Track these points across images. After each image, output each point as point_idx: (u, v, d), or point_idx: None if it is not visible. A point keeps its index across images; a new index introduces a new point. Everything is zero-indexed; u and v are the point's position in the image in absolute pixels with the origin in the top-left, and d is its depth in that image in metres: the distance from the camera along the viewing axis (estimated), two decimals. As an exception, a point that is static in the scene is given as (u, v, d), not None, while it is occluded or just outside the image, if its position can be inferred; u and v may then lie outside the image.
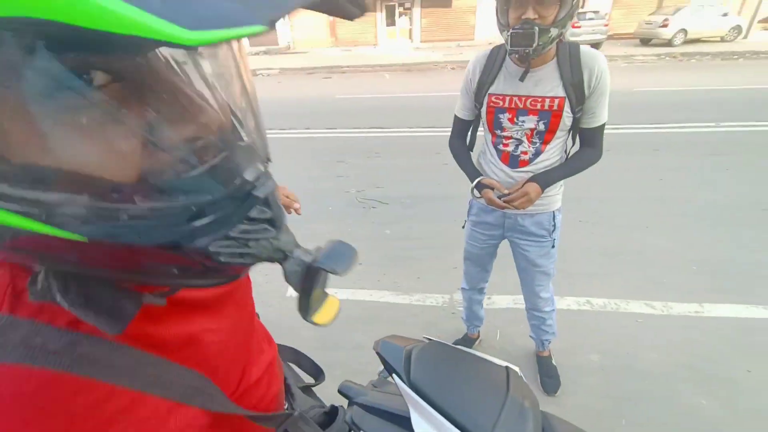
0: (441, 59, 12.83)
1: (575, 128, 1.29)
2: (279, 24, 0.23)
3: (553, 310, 1.70)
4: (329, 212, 3.44)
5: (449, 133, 1.52)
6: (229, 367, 0.45)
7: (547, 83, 1.21)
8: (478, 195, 1.42)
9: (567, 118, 1.24)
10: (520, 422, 0.69)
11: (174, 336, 0.37)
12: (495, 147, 1.38)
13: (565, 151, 1.37)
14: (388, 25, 18.05)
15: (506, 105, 1.28)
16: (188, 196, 0.26)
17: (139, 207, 0.25)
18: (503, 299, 2.31)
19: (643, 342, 1.98)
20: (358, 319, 2.18)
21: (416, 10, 17.45)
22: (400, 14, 17.85)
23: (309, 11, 0.24)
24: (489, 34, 17.56)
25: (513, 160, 1.35)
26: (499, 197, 1.33)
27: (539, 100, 1.22)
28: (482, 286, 1.84)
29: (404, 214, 3.35)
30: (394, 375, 0.76)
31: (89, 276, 0.30)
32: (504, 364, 0.80)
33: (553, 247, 1.49)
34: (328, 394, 0.89)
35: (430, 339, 0.85)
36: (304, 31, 18.25)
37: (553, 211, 1.43)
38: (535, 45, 1.08)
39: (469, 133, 1.50)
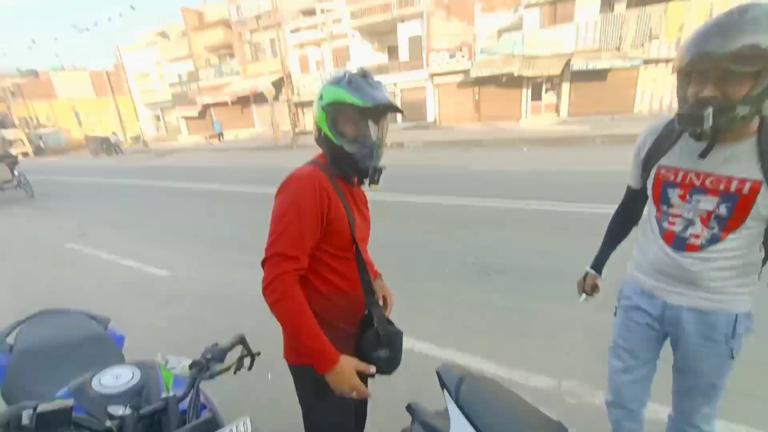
0: (589, 132, 12.16)
1: None
2: (428, 102, 2.12)
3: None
4: (445, 274, 3.63)
5: (577, 209, 1.49)
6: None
7: (739, 163, 1.02)
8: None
9: (764, 208, 1.01)
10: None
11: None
12: (658, 223, 1.20)
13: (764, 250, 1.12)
14: (533, 99, 18.27)
15: (678, 180, 1.12)
16: (358, 149, 1.09)
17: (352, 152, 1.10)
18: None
19: None
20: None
21: (565, 84, 17.25)
22: (547, 90, 17.90)
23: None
24: (652, 105, 15.89)
25: (678, 241, 1.15)
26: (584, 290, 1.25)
27: (724, 180, 1.03)
28: (633, 407, 1.39)
29: (519, 286, 3.28)
30: (444, 390, 0.91)
31: (341, 161, 1.14)
32: (557, 419, 0.85)
33: (732, 357, 1.17)
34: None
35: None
36: (451, 108, 19.99)
37: (736, 314, 1.13)
38: (705, 127, 0.95)
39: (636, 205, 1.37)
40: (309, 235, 1.05)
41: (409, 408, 1.07)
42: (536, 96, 18.20)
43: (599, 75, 16.34)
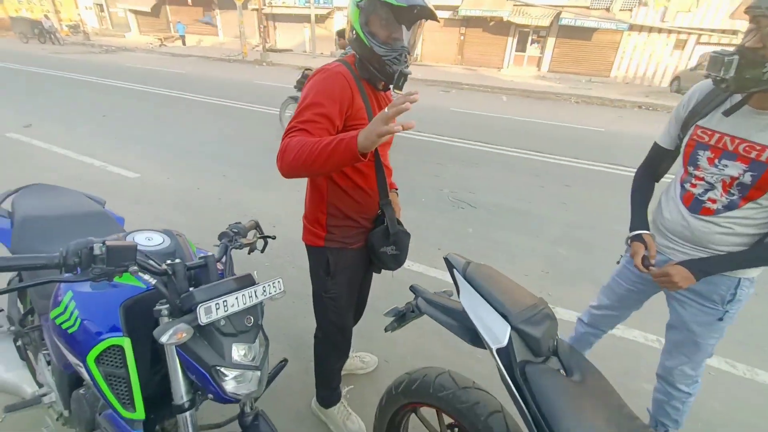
0: (566, 91, 12.37)
1: None
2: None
3: (691, 395, 1.36)
4: (422, 203, 3.81)
5: (549, 159, 1.51)
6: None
7: None
8: (627, 246, 1.32)
9: None
10: (542, 322, 0.94)
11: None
12: (681, 184, 1.21)
13: None
14: (517, 50, 17.94)
15: (711, 142, 1.11)
16: (387, 52, 1.07)
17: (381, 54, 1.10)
18: (632, 332, 2.25)
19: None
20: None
21: (551, 39, 17.01)
22: (533, 41, 17.59)
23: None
24: (628, 72, 16.27)
25: (695, 204, 1.15)
26: (645, 264, 1.20)
27: (758, 148, 1.02)
28: (603, 329, 1.59)
29: (489, 219, 3.56)
30: (453, 270, 1.08)
31: (369, 63, 1.14)
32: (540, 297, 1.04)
33: (721, 320, 1.20)
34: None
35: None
36: (434, 46, 19.14)
37: (740, 278, 1.15)
38: (725, 74, 0.94)
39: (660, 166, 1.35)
40: (329, 116, 1.05)
41: (412, 288, 1.24)
42: (521, 47, 17.87)
43: (585, 33, 16.26)
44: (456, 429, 1.21)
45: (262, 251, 1.24)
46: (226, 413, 1.12)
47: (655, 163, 1.35)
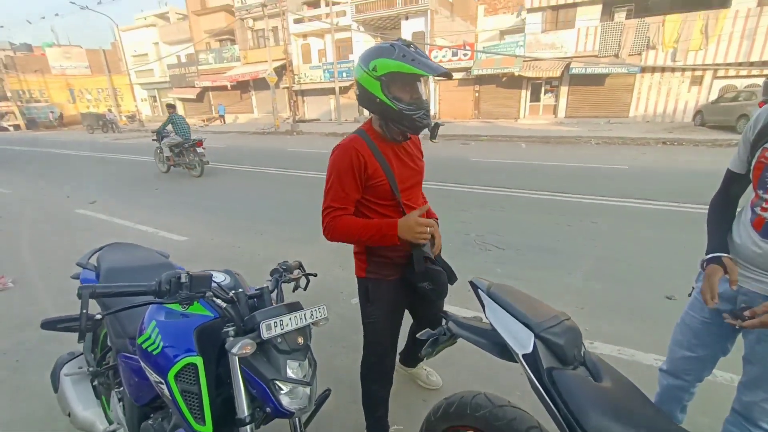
0: (585, 134, 12.57)
1: None
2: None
3: None
4: (447, 248, 3.89)
5: (573, 199, 1.50)
6: None
7: None
8: (699, 271, 1.24)
9: None
10: (564, 332, 1.02)
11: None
12: (752, 208, 1.16)
13: None
14: (532, 101, 18.66)
15: None
16: (414, 111, 1.28)
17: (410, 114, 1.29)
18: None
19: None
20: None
21: (563, 88, 17.65)
22: (546, 91, 18.30)
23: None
24: (647, 110, 16.39)
25: (766, 229, 1.10)
26: (736, 316, 1.09)
27: None
28: (686, 379, 1.40)
29: (517, 259, 3.58)
30: (478, 290, 1.18)
31: (398, 123, 1.33)
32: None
33: None
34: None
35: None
36: (451, 104, 20.27)
37: None
38: None
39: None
40: (350, 190, 1.35)
41: (443, 314, 1.35)
42: (535, 97, 18.59)
43: (597, 79, 16.79)
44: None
45: (305, 289, 1.40)
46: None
47: (727, 188, 1.30)
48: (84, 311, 0.88)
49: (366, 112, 1.56)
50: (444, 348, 1.42)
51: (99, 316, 0.90)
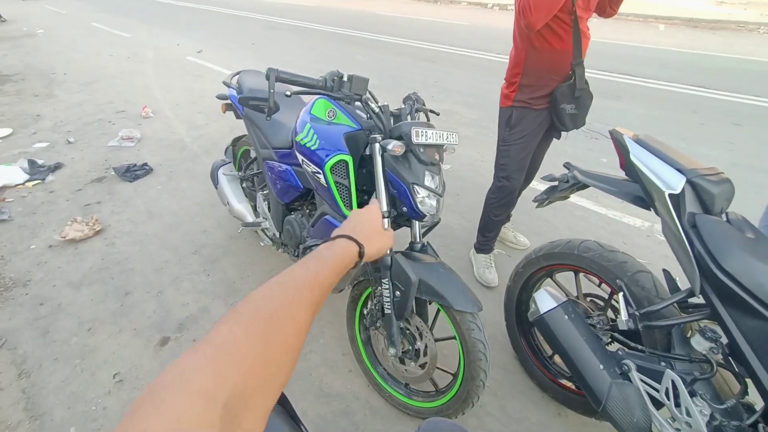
0: (753, 19, 9.64)
1: None
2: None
3: None
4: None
5: (712, 95, 1.38)
6: None
7: None
8: None
9: None
10: (719, 182, 0.97)
11: None
12: None
13: None
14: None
15: None
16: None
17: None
18: None
19: None
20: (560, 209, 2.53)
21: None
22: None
23: None
24: None
25: None
26: None
27: None
28: None
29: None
30: (623, 137, 1.13)
31: None
32: None
33: None
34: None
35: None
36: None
37: None
38: None
39: None
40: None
41: (566, 164, 1.33)
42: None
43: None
44: (590, 299, 1.34)
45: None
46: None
47: None
48: (272, 90, 1.01)
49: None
50: (557, 200, 1.46)
51: (289, 93, 1.03)
